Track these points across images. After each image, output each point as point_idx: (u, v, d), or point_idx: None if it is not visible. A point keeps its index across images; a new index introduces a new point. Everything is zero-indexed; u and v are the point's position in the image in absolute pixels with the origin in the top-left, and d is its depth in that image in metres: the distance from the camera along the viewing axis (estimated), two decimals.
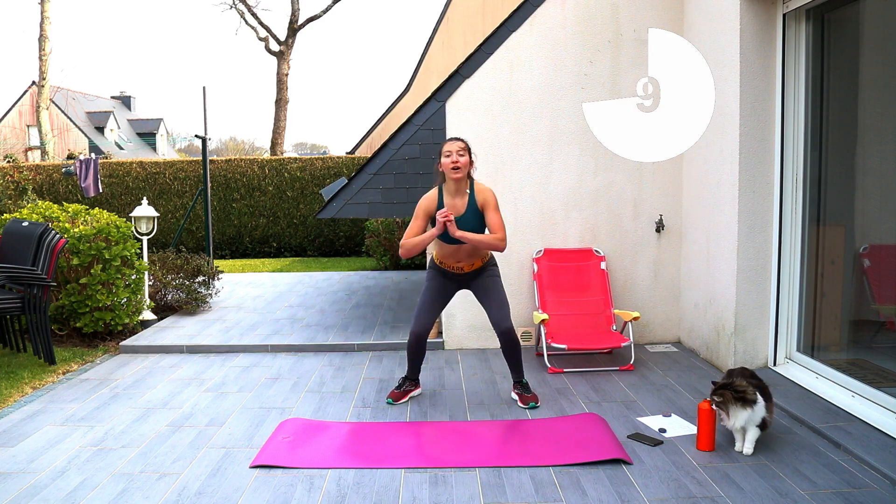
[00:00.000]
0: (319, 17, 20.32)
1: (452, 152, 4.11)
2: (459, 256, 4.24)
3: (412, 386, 4.51)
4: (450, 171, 4.11)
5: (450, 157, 4.11)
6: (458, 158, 4.09)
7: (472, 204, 4.17)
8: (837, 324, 4.66)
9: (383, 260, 10.45)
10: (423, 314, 4.33)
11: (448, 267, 4.31)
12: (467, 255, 4.24)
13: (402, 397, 4.44)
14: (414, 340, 4.36)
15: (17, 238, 5.48)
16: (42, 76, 19.60)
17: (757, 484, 3.21)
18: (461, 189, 4.18)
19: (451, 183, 4.16)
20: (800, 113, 4.59)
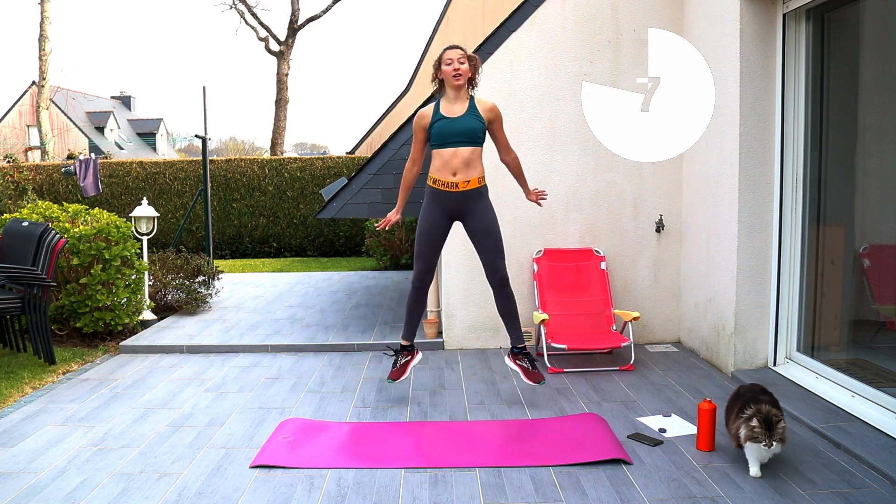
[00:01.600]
0: (319, 17, 20.33)
1: (453, 59, 4.09)
2: (455, 164, 4.11)
3: (408, 356, 4.43)
4: (451, 79, 4.09)
5: (451, 64, 4.09)
6: (458, 66, 4.08)
7: (471, 107, 4.14)
8: (837, 324, 4.66)
9: (383, 260, 10.45)
10: (420, 262, 4.25)
11: (442, 185, 4.16)
12: (463, 164, 4.12)
13: (402, 373, 4.37)
14: (417, 285, 4.27)
15: (17, 238, 5.48)
16: (42, 76, 19.60)
17: (757, 484, 3.21)
18: (461, 96, 4.15)
19: (450, 90, 4.14)
20: (800, 113, 4.59)
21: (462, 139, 4.11)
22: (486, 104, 4.20)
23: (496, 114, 4.21)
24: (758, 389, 3.44)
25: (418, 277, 4.29)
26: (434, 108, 4.18)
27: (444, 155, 4.14)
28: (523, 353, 4.36)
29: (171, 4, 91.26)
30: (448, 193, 4.18)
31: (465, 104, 4.15)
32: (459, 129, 4.09)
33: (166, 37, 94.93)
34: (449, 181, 4.16)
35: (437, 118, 4.13)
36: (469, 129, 4.10)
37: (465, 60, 4.11)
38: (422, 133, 4.21)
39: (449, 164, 4.14)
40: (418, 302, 4.35)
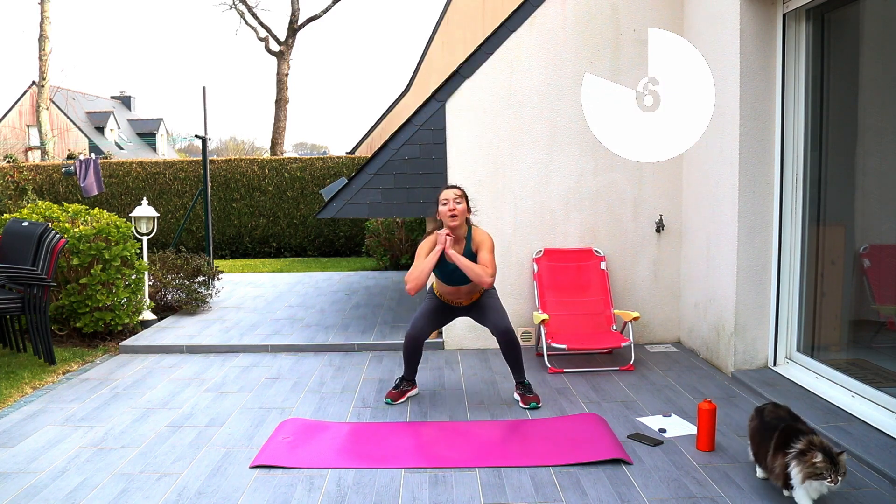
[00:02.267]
0: (319, 17, 20.33)
1: (449, 200, 4.21)
2: (459, 295, 4.39)
3: (409, 386, 4.52)
4: (447, 220, 4.21)
5: (447, 204, 4.21)
6: (454, 206, 4.20)
7: (468, 249, 4.28)
8: (837, 324, 4.66)
9: (383, 260, 10.45)
10: (420, 321, 4.39)
11: (447, 301, 4.45)
12: (466, 294, 4.39)
13: (400, 397, 4.45)
14: (409, 343, 4.39)
15: (17, 238, 5.48)
16: (42, 76, 19.60)
17: (757, 484, 3.21)
18: (459, 236, 4.28)
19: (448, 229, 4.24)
20: (800, 113, 4.59)
21: (463, 281, 4.29)
22: (479, 236, 4.31)
23: (482, 241, 4.30)
24: (786, 415, 3.12)
25: (414, 336, 4.38)
26: None
27: (447, 287, 4.37)
28: (523, 384, 4.45)
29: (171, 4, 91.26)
30: (454, 307, 4.48)
31: (463, 244, 4.29)
32: (460, 275, 4.25)
33: (166, 37, 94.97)
34: (455, 301, 4.45)
35: (442, 257, 4.21)
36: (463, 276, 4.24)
37: (462, 200, 4.23)
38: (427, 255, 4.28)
39: (454, 294, 4.39)
40: (414, 351, 4.43)
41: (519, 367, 4.40)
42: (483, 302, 4.43)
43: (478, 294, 4.43)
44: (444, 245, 4.14)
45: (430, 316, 4.43)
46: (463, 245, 4.28)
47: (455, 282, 4.31)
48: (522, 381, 4.42)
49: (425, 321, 4.40)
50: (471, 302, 4.44)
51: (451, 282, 4.32)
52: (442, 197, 4.26)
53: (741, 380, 4.64)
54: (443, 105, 5.62)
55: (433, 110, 5.64)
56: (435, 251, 4.17)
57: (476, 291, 4.41)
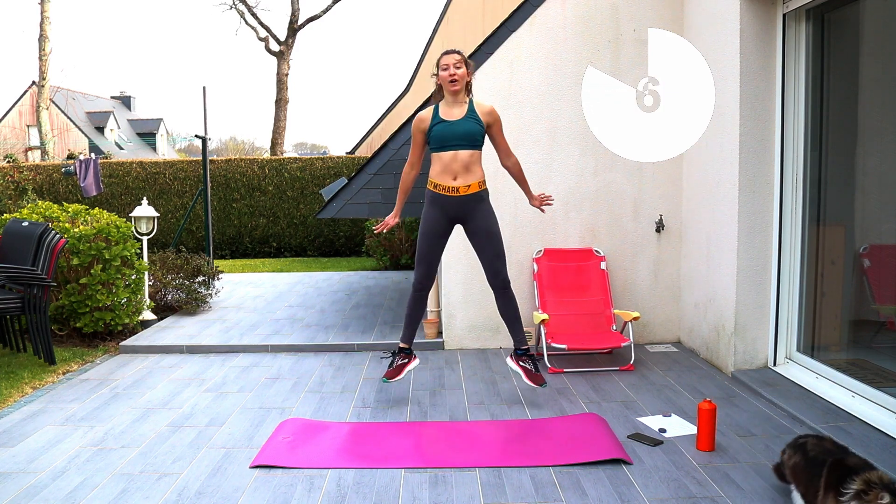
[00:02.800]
0: (319, 17, 20.32)
1: (450, 65, 4.08)
2: (455, 168, 4.11)
3: (405, 358, 4.42)
4: (448, 84, 4.09)
5: (447, 69, 4.08)
6: (455, 71, 4.07)
7: (470, 110, 4.14)
8: (837, 324, 4.66)
9: (383, 260, 10.45)
10: (421, 266, 4.26)
11: (442, 189, 4.16)
12: (463, 168, 4.12)
13: (398, 373, 4.36)
14: (418, 288, 4.28)
15: (17, 238, 5.48)
16: (42, 76, 19.60)
17: (757, 484, 3.21)
18: (459, 100, 4.15)
19: (448, 95, 4.14)
20: (800, 113, 4.59)
21: (461, 142, 4.11)
22: (485, 107, 4.20)
23: (495, 117, 4.21)
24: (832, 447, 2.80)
25: (419, 280, 4.30)
26: (433, 111, 4.18)
27: (443, 158, 4.13)
28: (526, 354, 4.37)
29: (171, 4, 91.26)
30: (448, 198, 4.18)
31: (464, 108, 4.15)
32: (459, 133, 4.09)
33: (166, 37, 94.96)
34: (449, 185, 4.15)
35: (436, 121, 4.13)
36: (468, 131, 4.10)
37: (462, 65, 4.12)
38: (420, 136, 4.21)
39: (449, 168, 4.13)
40: (418, 305, 4.35)
41: (518, 328, 4.30)
42: (484, 218, 4.21)
43: (476, 183, 4.16)
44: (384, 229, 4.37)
45: (427, 248, 4.23)
46: (464, 110, 4.14)
47: (452, 144, 4.07)
48: (526, 349, 4.32)
49: (425, 264, 4.24)
50: (469, 191, 4.15)
51: (446, 146, 4.08)
52: (442, 62, 4.11)
53: (741, 380, 4.64)
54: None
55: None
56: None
57: (475, 173, 4.15)
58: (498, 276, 4.23)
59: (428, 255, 4.27)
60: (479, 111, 4.16)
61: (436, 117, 4.14)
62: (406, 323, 4.41)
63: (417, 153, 4.27)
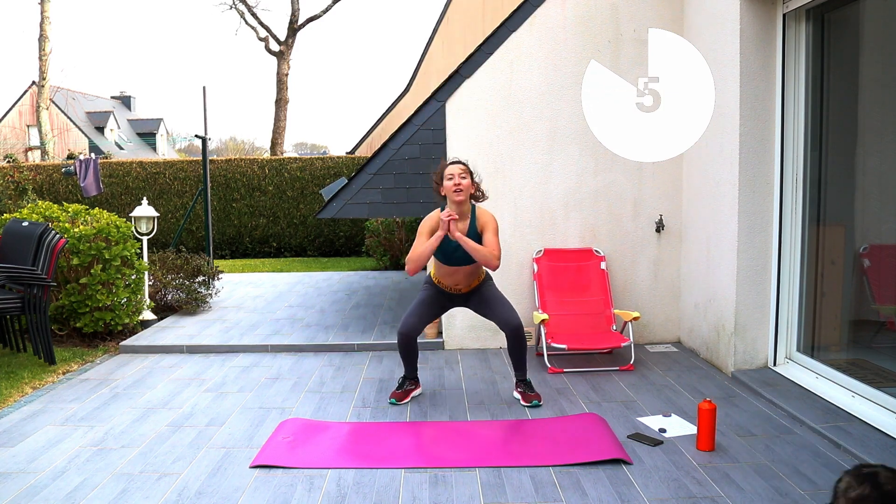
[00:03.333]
0: (319, 17, 20.31)
1: (454, 175, 4.14)
2: (457, 278, 4.28)
3: (412, 385, 4.51)
4: (452, 195, 4.14)
5: (452, 179, 4.14)
6: (460, 181, 4.13)
7: (472, 227, 4.22)
8: (837, 324, 4.66)
9: (383, 260, 10.45)
10: (412, 317, 4.33)
11: (445, 287, 4.35)
12: (465, 277, 4.29)
13: (404, 397, 4.44)
14: (401, 340, 4.35)
15: (17, 238, 5.48)
16: (42, 76, 19.59)
17: (757, 484, 3.21)
18: (463, 212, 4.21)
19: (453, 206, 4.19)
20: (800, 113, 4.59)
21: (464, 262, 4.20)
22: (484, 216, 4.24)
23: (487, 221, 4.22)
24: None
25: (408, 332, 4.32)
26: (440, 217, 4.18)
27: (447, 269, 4.27)
28: (524, 382, 4.44)
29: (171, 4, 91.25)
30: (452, 294, 4.38)
31: (467, 222, 4.21)
32: (463, 254, 4.15)
33: (166, 37, 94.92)
34: (453, 287, 4.33)
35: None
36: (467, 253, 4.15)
37: (467, 175, 4.16)
38: (429, 237, 4.19)
39: (453, 276, 4.28)
40: (409, 347, 4.39)
41: (522, 365, 4.39)
42: (485, 293, 4.35)
43: (477, 281, 4.35)
44: (445, 228, 4.02)
45: (423, 308, 4.34)
46: (467, 224, 4.20)
47: (456, 261, 4.19)
48: (524, 378, 4.41)
49: (416, 316, 4.32)
50: (470, 289, 4.34)
51: (451, 261, 4.20)
52: (447, 172, 4.17)
53: (741, 380, 4.64)
54: (443, 105, 5.62)
55: (433, 110, 5.64)
56: (438, 234, 4.06)
57: (475, 276, 4.32)
58: (509, 325, 4.27)
59: (423, 317, 4.36)
60: (479, 223, 4.22)
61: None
62: (405, 363, 4.48)
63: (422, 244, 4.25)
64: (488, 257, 4.07)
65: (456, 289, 4.34)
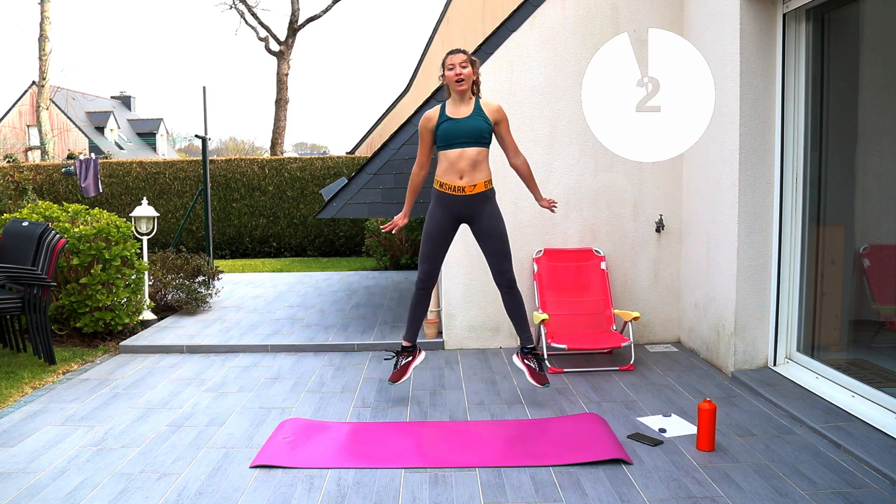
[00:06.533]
0: (319, 17, 20.32)
1: (455, 64, 4.09)
2: (461, 166, 4.09)
3: (409, 356, 4.43)
4: (454, 84, 4.10)
5: (453, 69, 4.09)
6: (461, 70, 4.08)
7: (477, 109, 4.14)
8: (837, 324, 4.66)
9: (383, 260, 10.45)
10: (428, 257, 4.24)
11: (448, 189, 4.15)
12: (469, 166, 4.10)
13: (403, 373, 4.38)
14: (421, 287, 4.28)
15: (17, 238, 5.48)
16: (42, 76, 19.60)
17: (757, 484, 3.21)
18: (465, 99, 4.15)
19: (455, 94, 4.14)
20: (800, 113, 4.59)
21: (468, 139, 4.10)
22: (492, 105, 4.20)
23: (502, 115, 4.21)
24: None
25: (422, 279, 4.30)
26: (440, 109, 4.19)
27: (450, 156, 4.13)
28: (533, 353, 4.38)
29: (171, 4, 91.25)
30: (454, 197, 4.16)
31: (471, 106, 4.15)
32: (465, 130, 4.09)
33: (166, 37, 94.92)
34: (455, 184, 4.14)
35: (443, 119, 4.13)
36: (475, 129, 4.10)
37: (468, 64, 4.12)
38: (428, 135, 4.21)
39: (455, 166, 4.12)
40: (421, 303, 4.36)
41: (524, 325, 4.32)
42: (491, 217, 4.20)
43: (482, 183, 4.14)
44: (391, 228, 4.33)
45: (430, 244, 4.22)
46: (471, 105, 4.14)
47: (458, 142, 4.07)
48: (532, 346, 4.33)
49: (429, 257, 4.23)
50: (475, 191, 4.13)
51: (453, 144, 4.07)
52: (448, 61, 4.12)
53: (741, 380, 4.64)
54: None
55: None
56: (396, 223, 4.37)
57: (481, 170, 4.12)
58: (503, 276, 4.25)
59: (432, 253, 4.27)
60: (487, 109, 4.16)
61: (442, 115, 4.15)
62: (409, 320, 4.42)
63: (426, 153, 4.27)
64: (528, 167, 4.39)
65: (459, 187, 4.12)
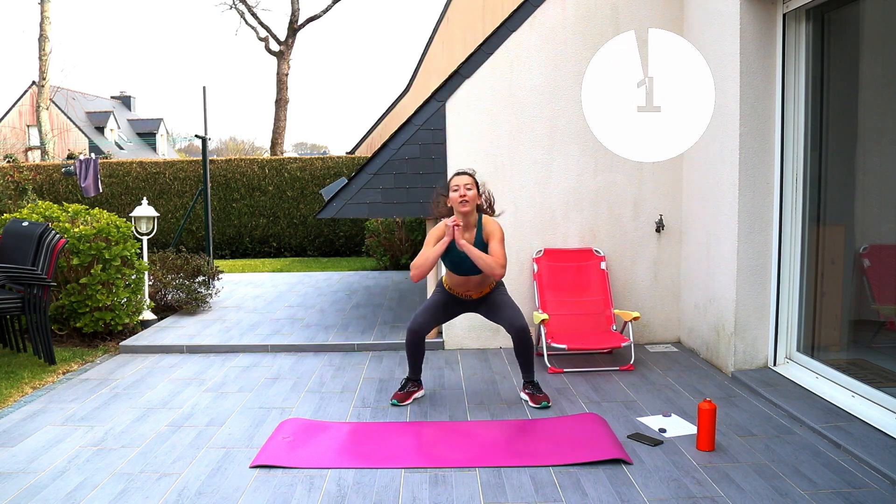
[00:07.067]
0: (319, 17, 20.32)
1: (460, 186, 4.17)
2: (468, 286, 4.35)
3: (415, 387, 4.50)
4: (458, 206, 4.17)
5: (457, 191, 4.17)
6: (465, 192, 4.16)
7: (479, 237, 4.24)
8: (837, 324, 4.66)
9: (383, 260, 10.45)
10: (422, 316, 4.37)
11: (456, 293, 4.40)
12: (476, 286, 4.34)
13: (406, 399, 4.44)
14: (409, 338, 4.38)
15: (17, 238, 5.48)
16: (42, 76, 19.60)
17: (757, 484, 3.21)
18: (469, 223, 4.24)
19: (459, 217, 4.20)
20: (800, 113, 4.59)
21: (473, 271, 4.24)
22: (490, 225, 4.26)
23: (493, 230, 4.24)
24: None
25: (418, 329, 4.36)
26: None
27: (457, 278, 4.32)
28: (531, 382, 4.44)
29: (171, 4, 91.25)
30: (463, 299, 4.41)
31: (474, 232, 4.24)
32: (471, 263, 4.18)
33: (166, 37, 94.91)
34: (464, 293, 4.38)
35: (451, 245, 4.18)
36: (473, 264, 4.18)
37: (473, 186, 4.20)
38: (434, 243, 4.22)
39: (463, 286, 4.35)
40: (416, 347, 4.41)
41: (529, 367, 4.39)
42: (494, 298, 4.39)
43: (488, 288, 4.38)
44: (451, 235, 4.10)
45: (434, 310, 4.39)
46: (474, 234, 4.23)
47: (465, 272, 4.26)
48: (532, 380, 4.41)
49: (427, 315, 4.36)
50: (480, 295, 4.38)
51: (460, 271, 4.27)
52: (452, 183, 4.21)
53: (741, 380, 4.64)
54: (443, 105, 5.62)
55: (433, 110, 5.63)
56: (443, 241, 4.13)
57: (486, 284, 4.36)
58: (515, 325, 4.30)
59: (431, 314, 4.39)
60: (485, 232, 4.25)
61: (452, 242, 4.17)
62: (410, 362, 4.48)
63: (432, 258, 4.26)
64: (493, 266, 4.10)
65: (467, 295, 4.39)
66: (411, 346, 4.40)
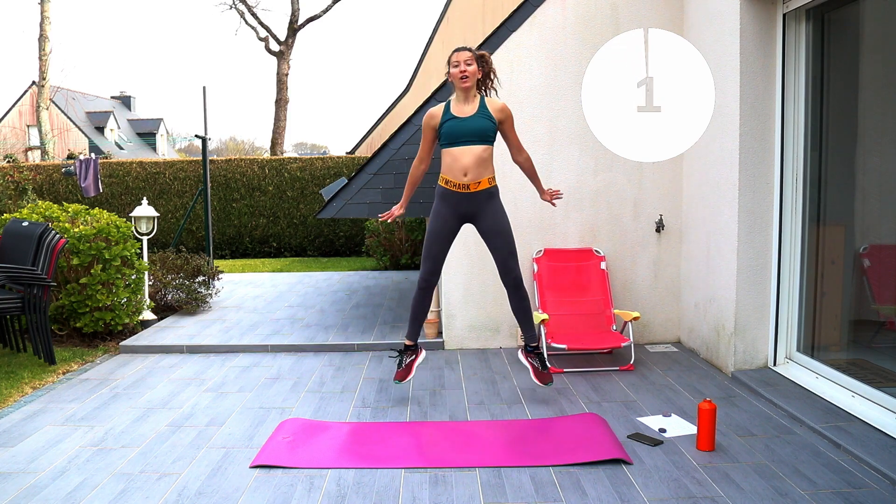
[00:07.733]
0: (319, 17, 20.32)
1: (460, 62, 4.08)
2: (465, 163, 4.07)
3: (412, 355, 4.44)
4: (458, 81, 4.09)
5: (458, 66, 4.08)
6: (465, 68, 4.07)
7: (482, 107, 4.12)
8: (837, 324, 4.66)
9: (383, 260, 10.45)
10: (432, 256, 4.24)
11: (452, 186, 4.14)
12: (474, 164, 4.09)
13: (408, 373, 4.39)
14: (423, 286, 4.28)
15: (17, 238, 5.48)
16: (42, 76, 19.59)
17: (757, 484, 3.21)
18: (470, 97, 4.14)
19: (459, 92, 4.14)
20: (800, 113, 4.59)
21: (472, 138, 4.09)
22: (497, 104, 4.19)
23: (507, 113, 4.20)
24: None
25: (425, 278, 4.30)
26: (444, 107, 4.18)
27: (454, 154, 4.12)
28: (536, 352, 4.40)
29: (171, 4, 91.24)
30: (458, 194, 4.16)
31: (476, 104, 4.14)
32: (470, 129, 4.08)
33: (166, 37, 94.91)
34: (460, 182, 4.13)
35: (447, 118, 4.13)
36: (479, 128, 4.09)
37: (473, 62, 4.11)
38: (431, 132, 4.21)
39: (459, 164, 4.11)
40: (423, 302, 4.36)
41: (529, 324, 4.32)
42: (495, 213, 4.20)
43: (487, 178, 4.13)
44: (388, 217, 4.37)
45: (433, 242, 4.21)
46: (475, 104, 4.12)
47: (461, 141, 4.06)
48: (535, 345, 4.34)
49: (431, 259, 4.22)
50: (479, 188, 4.12)
51: (458, 140, 4.07)
52: (453, 59, 4.10)
53: (741, 380, 4.64)
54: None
55: None
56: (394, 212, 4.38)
57: (485, 167, 4.11)
58: (510, 274, 4.24)
59: (435, 252, 4.27)
60: (491, 108, 4.15)
61: (447, 113, 4.14)
62: (411, 320, 4.42)
63: (427, 148, 4.26)
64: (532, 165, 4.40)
65: (463, 185, 4.11)
66: (421, 301, 4.29)
